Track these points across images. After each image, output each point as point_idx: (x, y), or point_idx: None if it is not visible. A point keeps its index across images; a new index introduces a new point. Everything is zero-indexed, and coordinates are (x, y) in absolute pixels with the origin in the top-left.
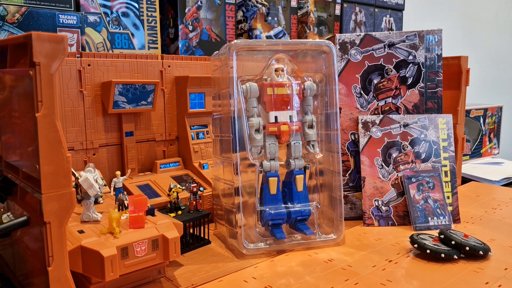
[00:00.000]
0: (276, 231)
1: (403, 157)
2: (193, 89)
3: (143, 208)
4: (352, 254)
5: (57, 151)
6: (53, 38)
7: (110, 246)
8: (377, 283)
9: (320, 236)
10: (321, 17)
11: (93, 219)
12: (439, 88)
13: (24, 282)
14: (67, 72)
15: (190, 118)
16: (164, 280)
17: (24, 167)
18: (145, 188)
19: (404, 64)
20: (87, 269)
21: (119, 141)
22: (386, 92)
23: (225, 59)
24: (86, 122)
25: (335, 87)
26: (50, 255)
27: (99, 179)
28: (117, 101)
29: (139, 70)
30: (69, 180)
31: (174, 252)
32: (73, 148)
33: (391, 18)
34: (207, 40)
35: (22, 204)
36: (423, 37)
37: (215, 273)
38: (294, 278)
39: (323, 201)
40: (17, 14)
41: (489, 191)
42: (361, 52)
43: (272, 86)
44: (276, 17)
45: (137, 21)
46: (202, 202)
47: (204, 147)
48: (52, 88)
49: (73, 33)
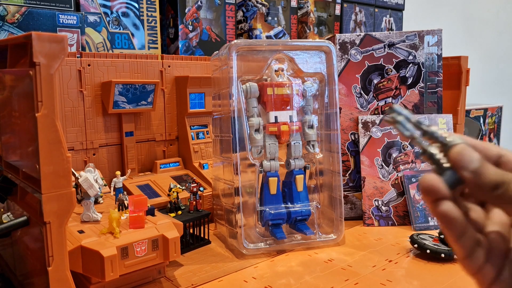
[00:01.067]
0: (276, 231)
1: (403, 157)
2: (193, 89)
3: (143, 208)
4: (352, 254)
5: (57, 151)
6: (53, 38)
7: (110, 246)
8: (377, 283)
9: (320, 236)
10: (321, 17)
11: (93, 219)
12: (439, 88)
13: (24, 282)
14: (67, 72)
15: (190, 118)
16: (164, 280)
17: (24, 167)
18: (145, 188)
19: (404, 64)
20: (87, 269)
21: (119, 141)
22: (386, 92)
23: (225, 59)
24: (86, 122)
25: (335, 87)
26: (50, 255)
27: (99, 179)
28: (117, 101)
29: (139, 70)
30: (69, 180)
31: (174, 252)
32: (73, 148)
33: (391, 18)
34: (207, 40)
35: (22, 204)
36: (423, 37)
37: (215, 273)
38: (294, 278)
39: (323, 201)
40: (17, 14)
41: None
42: (361, 52)
43: (272, 86)
44: (276, 17)
45: (137, 21)
46: (202, 202)
47: (204, 147)
48: (52, 88)
49: (73, 33)
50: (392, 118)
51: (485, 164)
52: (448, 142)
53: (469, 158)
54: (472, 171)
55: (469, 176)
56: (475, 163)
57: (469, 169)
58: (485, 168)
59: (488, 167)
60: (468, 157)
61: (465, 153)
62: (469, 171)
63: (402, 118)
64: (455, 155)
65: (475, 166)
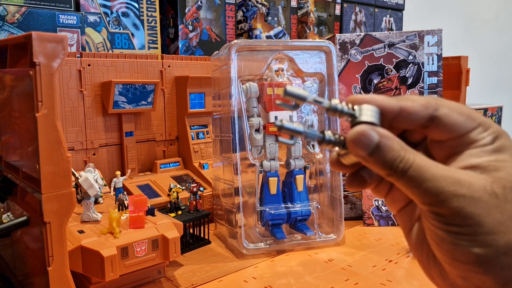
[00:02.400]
0: (276, 231)
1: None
2: (193, 89)
3: (143, 208)
4: (352, 254)
5: (57, 151)
6: (53, 38)
7: (110, 246)
8: (377, 283)
9: (320, 236)
10: (321, 17)
11: (93, 219)
12: (439, 88)
13: (24, 282)
14: (67, 72)
15: (190, 118)
16: (164, 280)
17: (24, 167)
18: (145, 188)
19: (404, 64)
20: (87, 269)
21: (119, 141)
22: (386, 92)
23: (225, 59)
24: (86, 122)
25: (335, 87)
26: (50, 255)
27: (99, 179)
28: (117, 101)
29: (139, 70)
30: (69, 180)
31: (174, 252)
32: (73, 148)
33: (391, 18)
34: (207, 40)
35: (22, 204)
36: (423, 37)
37: (215, 273)
38: (294, 278)
39: (323, 201)
40: (17, 14)
41: None
42: (361, 52)
43: (272, 86)
44: (276, 17)
45: (137, 21)
46: (202, 202)
47: (204, 147)
48: (52, 88)
49: (73, 33)
50: (281, 124)
51: (382, 148)
52: (354, 114)
53: (366, 142)
54: (366, 157)
55: (365, 159)
56: (370, 149)
57: (364, 155)
58: (380, 154)
59: (383, 153)
60: (364, 142)
61: (359, 139)
62: (364, 157)
63: (288, 124)
64: (350, 141)
65: (368, 152)
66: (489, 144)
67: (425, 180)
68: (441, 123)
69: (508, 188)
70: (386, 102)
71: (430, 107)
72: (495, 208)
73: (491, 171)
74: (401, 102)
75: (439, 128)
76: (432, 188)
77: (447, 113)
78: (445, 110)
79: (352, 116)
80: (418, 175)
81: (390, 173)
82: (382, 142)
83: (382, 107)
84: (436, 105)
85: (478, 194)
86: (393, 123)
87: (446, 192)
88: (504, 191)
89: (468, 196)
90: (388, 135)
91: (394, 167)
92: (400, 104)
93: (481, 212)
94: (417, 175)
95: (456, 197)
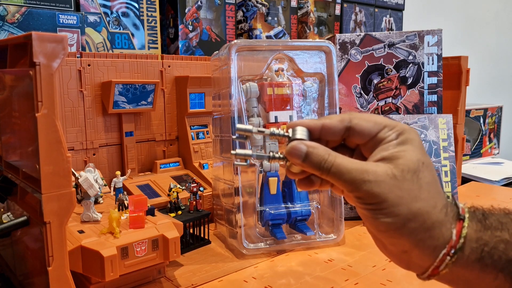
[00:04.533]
0: (276, 231)
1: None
2: (193, 89)
3: (143, 208)
4: (352, 254)
5: (57, 151)
6: (53, 38)
7: (110, 246)
8: (377, 283)
9: (320, 236)
10: (321, 17)
11: (93, 219)
12: (439, 88)
13: (24, 282)
14: (67, 72)
15: (190, 118)
16: (164, 280)
17: (24, 167)
18: (145, 188)
19: (404, 64)
20: (87, 269)
21: (119, 141)
22: (386, 92)
23: (225, 59)
24: (86, 122)
25: (335, 87)
26: (50, 255)
27: (99, 179)
28: (117, 101)
29: (139, 70)
30: (69, 180)
31: (174, 252)
32: (73, 148)
33: (391, 18)
34: (207, 40)
35: (22, 204)
36: (423, 37)
37: (215, 273)
38: (294, 278)
39: (323, 201)
40: (17, 14)
41: (489, 191)
42: (361, 52)
43: (272, 86)
44: (276, 17)
45: (137, 21)
46: (202, 202)
47: (204, 147)
48: (52, 88)
49: (73, 33)
50: (235, 152)
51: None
52: (289, 136)
53: (297, 153)
54: (301, 163)
55: (301, 165)
56: (302, 157)
57: (299, 162)
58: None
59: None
60: (296, 153)
61: (292, 151)
62: (300, 163)
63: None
64: (287, 154)
65: (302, 159)
66: (394, 140)
67: (343, 173)
68: (355, 131)
69: (405, 170)
70: (311, 122)
71: (344, 121)
72: (395, 187)
73: (393, 160)
74: (322, 121)
75: (355, 135)
76: (348, 178)
77: (357, 123)
78: (356, 121)
79: (288, 137)
80: (338, 171)
81: (320, 172)
82: (309, 151)
83: (308, 127)
84: (349, 118)
85: (381, 178)
86: (321, 137)
87: (358, 180)
88: (402, 173)
89: (373, 180)
90: (313, 145)
91: (322, 167)
92: (322, 122)
93: (384, 191)
94: (338, 171)
95: (364, 183)
